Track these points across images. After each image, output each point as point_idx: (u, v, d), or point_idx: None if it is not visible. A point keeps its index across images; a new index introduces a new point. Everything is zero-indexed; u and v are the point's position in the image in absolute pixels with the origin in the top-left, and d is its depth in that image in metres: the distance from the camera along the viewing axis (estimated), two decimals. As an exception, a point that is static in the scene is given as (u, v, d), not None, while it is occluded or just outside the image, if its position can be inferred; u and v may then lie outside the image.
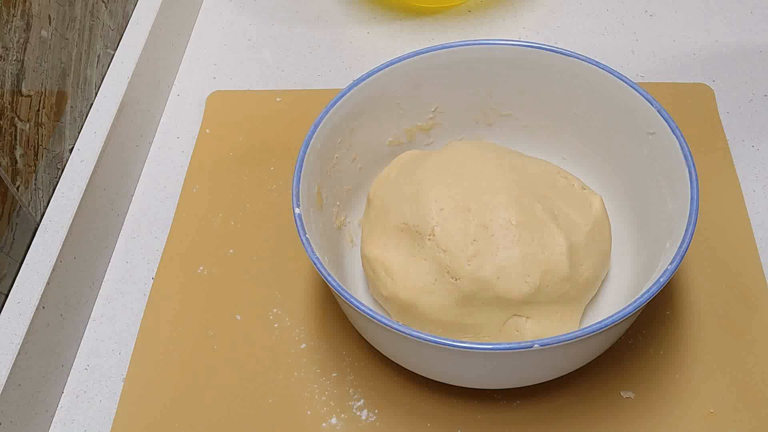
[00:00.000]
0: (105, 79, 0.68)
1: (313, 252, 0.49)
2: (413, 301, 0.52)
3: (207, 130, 0.72)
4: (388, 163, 0.60)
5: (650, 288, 0.46)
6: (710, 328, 0.57)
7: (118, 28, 0.72)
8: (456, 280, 0.51)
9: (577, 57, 0.57)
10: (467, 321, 0.52)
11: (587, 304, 0.55)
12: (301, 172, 0.53)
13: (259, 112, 0.74)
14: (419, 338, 0.45)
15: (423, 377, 0.53)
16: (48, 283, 0.55)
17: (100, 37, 0.68)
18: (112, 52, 0.70)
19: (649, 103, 0.55)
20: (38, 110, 0.59)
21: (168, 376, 0.57)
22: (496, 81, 0.61)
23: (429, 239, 0.52)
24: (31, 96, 0.58)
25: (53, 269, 0.56)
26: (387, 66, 0.59)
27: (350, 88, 0.57)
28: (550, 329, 0.52)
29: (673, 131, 0.53)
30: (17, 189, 0.56)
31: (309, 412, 0.55)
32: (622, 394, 0.54)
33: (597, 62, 0.57)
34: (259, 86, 0.77)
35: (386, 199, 0.56)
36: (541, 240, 0.52)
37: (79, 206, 0.59)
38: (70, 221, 0.58)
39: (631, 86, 0.56)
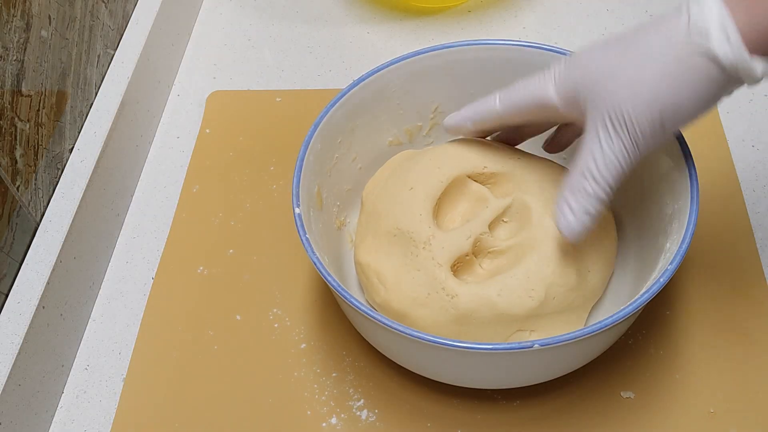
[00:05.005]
0: (105, 79, 0.68)
1: (313, 252, 0.49)
2: (406, 312, 0.51)
3: (207, 130, 0.72)
4: (388, 164, 0.60)
5: (650, 288, 0.46)
6: (710, 328, 0.57)
7: (118, 28, 0.72)
8: (452, 297, 0.49)
9: (577, 57, 0.57)
10: (465, 338, 0.50)
11: (589, 306, 0.55)
12: (301, 172, 0.53)
13: (259, 112, 0.74)
14: (419, 338, 0.45)
15: (423, 377, 0.53)
16: (48, 283, 0.55)
17: (100, 37, 0.68)
18: (112, 52, 0.70)
19: (649, 103, 0.54)
20: (38, 110, 0.59)
21: (168, 376, 0.57)
22: (496, 81, 0.61)
23: (423, 249, 0.51)
24: (31, 96, 0.58)
25: (53, 269, 0.56)
26: (387, 66, 0.59)
27: (350, 88, 0.57)
28: None
29: (673, 131, 0.53)
30: (17, 189, 0.56)
31: (309, 412, 0.55)
32: (622, 394, 0.54)
33: (597, 62, 0.57)
34: (259, 86, 0.77)
35: (377, 203, 0.55)
36: (546, 250, 0.50)
37: (79, 206, 0.59)
38: (70, 221, 0.58)
39: (631, 86, 0.55)
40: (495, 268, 0.51)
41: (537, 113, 0.48)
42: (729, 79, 0.41)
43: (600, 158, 0.43)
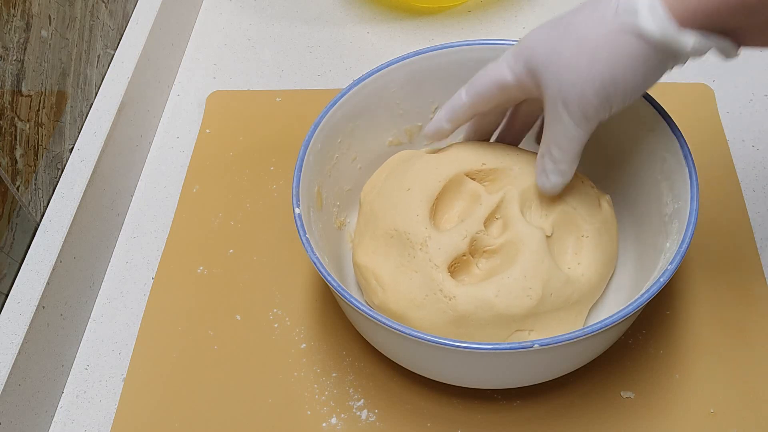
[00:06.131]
0: (105, 79, 0.68)
1: (313, 252, 0.49)
2: (404, 314, 0.51)
3: (207, 130, 0.72)
4: (387, 164, 0.60)
5: (650, 288, 0.46)
6: (710, 328, 0.57)
7: (118, 28, 0.72)
8: (450, 299, 0.49)
9: (577, 57, 0.57)
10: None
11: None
12: (301, 172, 0.53)
13: (259, 112, 0.74)
14: (419, 338, 0.45)
15: (423, 377, 0.53)
16: (48, 283, 0.55)
17: (100, 37, 0.68)
18: (112, 52, 0.70)
19: (649, 103, 0.55)
20: (38, 110, 0.59)
21: (168, 376, 0.57)
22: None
23: (420, 250, 0.51)
24: (31, 96, 0.58)
25: (53, 269, 0.56)
26: (387, 66, 0.59)
27: (350, 88, 0.57)
28: None
29: (673, 131, 0.53)
30: (17, 189, 0.56)
31: (309, 412, 0.55)
32: (622, 394, 0.54)
33: (597, 62, 0.57)
34: (259, 86, 0.77)
35: (375, 204, 0.55)
36: (539, 245, 0.50)
37: (79, 206, 0.59)
38: (70, 221, 0.58)
39: (631, 86, 0.55)
40: (491, 268, 0.51)
41: (500, 96, 0.51)
42: (663, 55, 0.42)
43: (561, 133, 0.47)
